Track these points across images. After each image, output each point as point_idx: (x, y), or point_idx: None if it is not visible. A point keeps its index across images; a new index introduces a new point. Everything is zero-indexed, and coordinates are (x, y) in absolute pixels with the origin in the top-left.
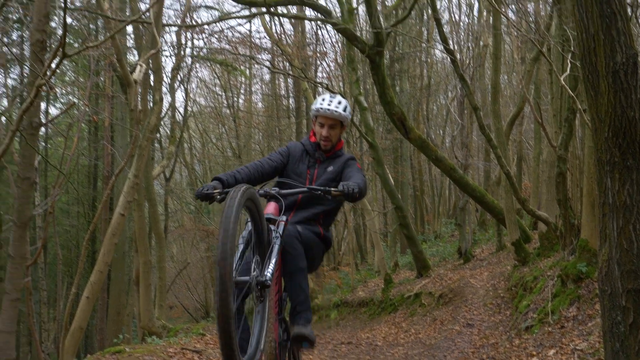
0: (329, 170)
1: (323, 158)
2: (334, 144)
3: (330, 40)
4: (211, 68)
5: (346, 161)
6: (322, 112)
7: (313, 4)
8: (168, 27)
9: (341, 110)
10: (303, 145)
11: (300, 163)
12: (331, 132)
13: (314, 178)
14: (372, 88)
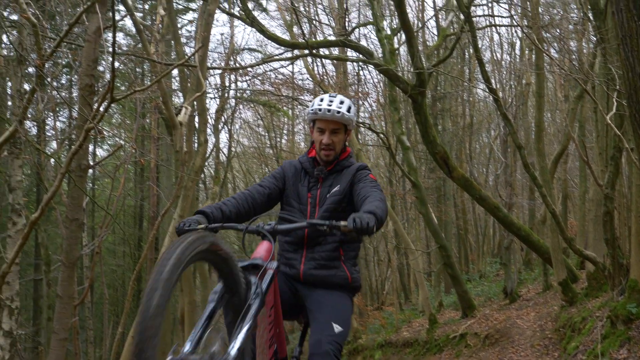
0: (334, 190)
1: (325, 174)
2: (337, 153)
3: (372, 81)
4: (254, 109)
5: (355, 173)
6: (321, 114)
7: (355, 45)
8: (212, 70)
9: (344, 111)
10: (300, 163)
11: (299, 185)
12: (334, 139)
13: (317, 202)
14: (414, 127)
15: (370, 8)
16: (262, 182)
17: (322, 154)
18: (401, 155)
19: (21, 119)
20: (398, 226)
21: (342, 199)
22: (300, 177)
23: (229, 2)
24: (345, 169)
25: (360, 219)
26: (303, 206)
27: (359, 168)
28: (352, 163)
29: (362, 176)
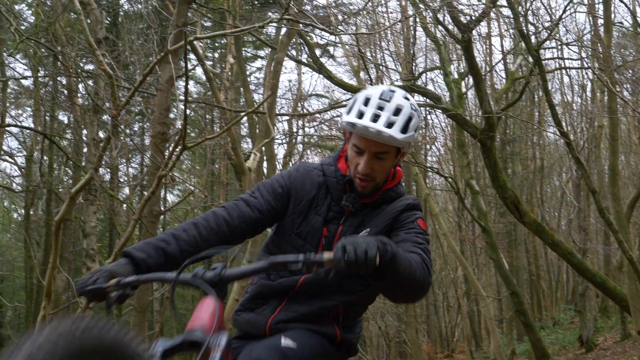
0: (361, 230)
1: (355, 206)
2: (379, 184)
3: (440, 124)
4: (322, 154)
5: (400, 214)
6: (359, 129)
7: (423, 90)
8: (280, 116)
9: (398, 131)
10: (323, 174)
11: (312, 212)
12: (376, 166)
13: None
14: (483, 170)
15: (437, 53)
16: (252, 194)
17: (356, 183)
18: (470, 199)
19: (96, 166)
20: (468, 272)
21: None
22: (319, 198)
23: (296, 50)
24: (387, 204)
25: (353, 246)
26: (310, 248)
27: (406, 207)
28: (400, 194)
29: (408, 221)
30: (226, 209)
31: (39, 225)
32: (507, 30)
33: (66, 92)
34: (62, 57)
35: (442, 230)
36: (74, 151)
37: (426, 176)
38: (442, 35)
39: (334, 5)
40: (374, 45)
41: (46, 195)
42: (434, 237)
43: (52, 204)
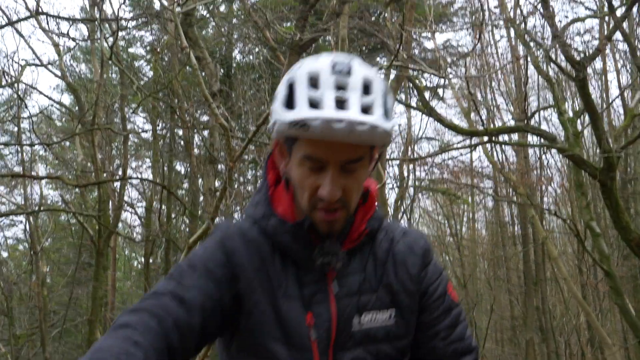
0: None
1: (341, 258)
2: (351, 212)
3: (556, 165)
4: (433, 198)
5: (425, 265)
6: (318, 129)
7: (537, 131)
8: (391, 161)
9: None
10: (264, 236)
11: (279, 296)
12: (347, 184)
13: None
14: (603, 211)
15: (550, 91)
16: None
17: (319, 219)
18: (591, 241)
19: (213, 216)
20: (591, 318)
21: (405, 347)
22: (276, 277)
23: (405, 93)
24: (381, 243)
25: None
26: (303, 354)
27: (425, 254)
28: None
29: (440, 290)
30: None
31: (158, 273)
32: (624, 66)
33: (183, 143)
34: (179, 110)
35: (562, 274)
36: (190, 201)
37: (543, 218)
38: (555, 73)
39: (442, 48)
40: (484, 86)
41: (164, 244)
42: (553, 281)
43: (170, 253)
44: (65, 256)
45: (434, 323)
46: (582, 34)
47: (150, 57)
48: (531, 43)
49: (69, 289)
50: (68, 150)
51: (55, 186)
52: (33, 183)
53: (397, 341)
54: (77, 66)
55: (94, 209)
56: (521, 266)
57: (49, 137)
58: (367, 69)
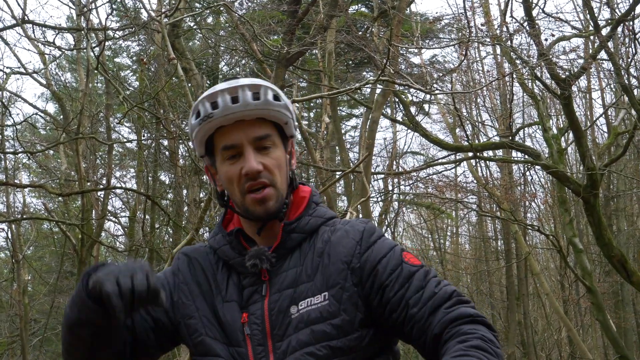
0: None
1: (268, 259)
2: (281, 192)
3: (539, 181)
4: (417, 212)
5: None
6: (217, 115)
7: (521, 147)
8: (376, 174)
9: (270, 91)
10: (213, 251)
11: (217, 303)
12: (266, 159)
13: (269, 334)
14: (586, 228)
15: (535, 108)
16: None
17: (251, 201)
18: (573, 258)
19: (197, 227)
20: (573, 333)
21: (346, 323)
22: (220, 283)
23: (391, 108)
24: (319, 236)
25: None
26: (238, 349)
27: (365, 233)
28: (327, 216)
29: (393, 262)
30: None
31: None
32: (609, 85)
33: (168, 154)
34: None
35: (544, 289)
36: (174, 211)
37: (526, 234)
38: (540, 90)
39: (429, 63)
40: (470, 102)
41: (148, 254)
42: (535, 296)
43: (153, 263)
44: (47, 265)
45: (400, 295)
46: (568, 53)
47: (136, 68)
48: (517, 60)
49: (50, 298)
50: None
51: (38, 195)
52: (16, 191)
53: (332, 318)
54: (63, 75)
55: (77, 218)
56: (504, 281)
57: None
58: (259, 80)
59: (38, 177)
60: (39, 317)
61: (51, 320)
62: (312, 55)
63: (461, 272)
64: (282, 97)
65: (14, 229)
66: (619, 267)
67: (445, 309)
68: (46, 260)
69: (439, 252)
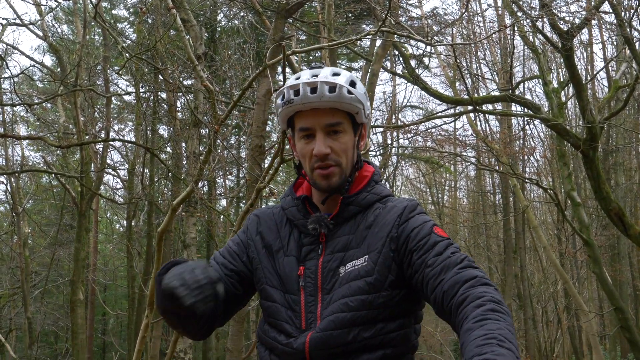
0: (354, 260)
1: (326, 224)
2: (346, 171)
3: (539, 135)
4: (416, 166)
5: (404, 221)
6: (299, 100)
7: (522, 100)
8: (375, 128)
9: (345, 84)
10: (282, 210)
11: (280, 255)
12: (334, 144)
13: (320, 287)
14: (584, 182)
15: (536, 61)
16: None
17: (317, 176)
18: (571, 211)
19: (197, 179)
20: (569, 285)
21: (377, 282)
22: (281, 239)
23: (391, 61)
24: (372, 210)
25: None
26: (292, 296)
27: (405, 211)
28: (381, 195)
29: (423, 232)
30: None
31: (141, 236)
32: (610, 38)
33: (166, 106)
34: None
35: (541, 242)
36: (174, 164)
37: (524, 188)
38: (541, 43)
39: (430, 15)
40: (470, 55)
41: (147, 207)
42: (532, 249)
43: (153, 216)
44: (47, 218)
45: (423, 258)
46: (570, 4)
47: (133, 20)
48: (518, 12)
49: (50, 250)
50: (50, 112)
51: (36, 148)
52: (14, 144)
53: (366, 276)
54: (59, 27)
55: (76, 171)
56: (501, 234)
57: (30, 98)
58: (341, 70)
59: (36, 130)
60: (39, 269)
61: (52, 272)
62: (312, 7)
63: (459, 225)
64: (357, 90)
65: (13, 182)
66: (617, 221)
67: (457, 270)
68: (46, 214)
69: (437, 206)
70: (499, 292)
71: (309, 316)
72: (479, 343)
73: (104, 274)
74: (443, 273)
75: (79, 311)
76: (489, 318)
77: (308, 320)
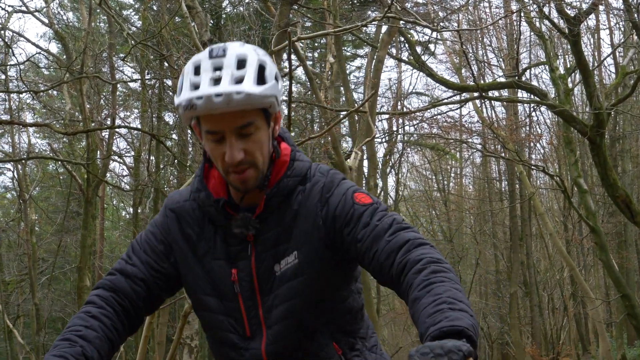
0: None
1: (253, 226)
2: (262, 168)
3: (545, 122)
4: (422, 152)
5: (325, 202)
6: (201, 106)
7: (528, 86)
8: (380, 115)
9: (251, 86)
10: (198, 206)
11: (209, 258)
12: (247, 147)
13: (257, 291)
14: (590, 169)
15: (542, 47)
16: (127, 260)
17: (234, 180)
18: (577, 198)
19: None
20: (575, 273)
21: (314, 277)
22: (208, 241)
23: (396, 48)
24: (295, 196)
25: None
26: (229, 303)
27: (323, 192)
28: (299, 174)
29: (346, 207)
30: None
31: (147, 223)
32: (617, 24)
33: (172, 93)
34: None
35: (547, 229)
36: (179, 151)
37: (531, 175)
38: (548, 29)
39: (436, 1)
40: (477, 41)
41: (153, 194)
42: (538, 236)
43: (159, 203)
44: (54, 205)
45: (353, 234)
46: None
47: (139, 7)
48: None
49: (57, 237)
50: (56, 100)
51: (43, 135)
52: (21, 131)
53: (300, 276)
54: (65, 14)
55: (82, 158)
56: (507, 221)
57: (36, 85)
58: (242, 47)
59: (43, 118)
60: (46, 256)
61: (58, 259)
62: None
63: (465, 212)
64: (267, 81)
65: (20, 169)
66: (624, 208)
67: (387, 238)
68: (52, 201)
69: (442, 193)
70: (435, 248)
71: (252, 321)
72: (430, 311)
73: (110, 261)
74: (375, 244)
75: (85, 298)
76: (433, 282)
77: (252, 327)
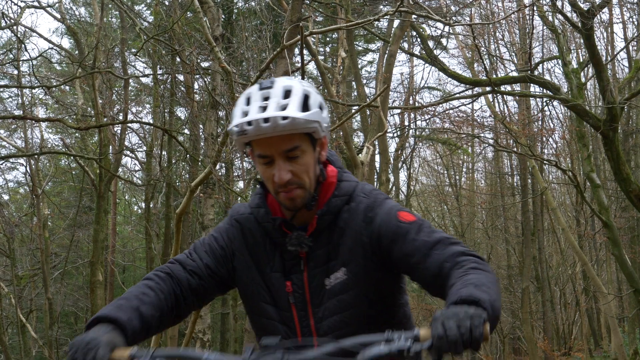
0: (336, 272)
1: (306, 244)
2: (310, 189)
3: (558, 116)
4: (433, 147)
5: (370, 221)
6: (251, 131)
7: (541, 80)
8: (392, 109)
9: (295, 112)
10: (257, 222)
11: (267, 270)
12: (294, 168)
13: (309, 302)
14: (603, 163)
15: (555, 42)
16: (189, 255)
17: (283, 198)
18: (590, 193)
19: (215, 161)
20: (588, 268)
21: (362, 291)
22: (266, 252)
23: (408, 42)
24: (341, 216)
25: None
26: (285, 313)
27: (367, 211)
28: (346, 193)
29: (392, 226)
30: (173, 276)
31: (159, 217)
32: (631, 17)
33: (184, 88)
34: (181, 54)
35: (560, 224)
36: (191, 146)
37: (543, 169)
38: (561, 23)
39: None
40: (489, 36)
41: (165, 188)
42: (550, 231)
43: (171, 197)
44: (66, 200)
45: (401, 251)
46: None
47: (151, 2)
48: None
49: (70, 232)
50: (68, 95)
51: (55, 130)
52: (33, 126)
53: (350, 290)
54: (77, 9)
55: (94, 153)
56: (519, 216)
57: (48, 80)
58: (289, 81)
59: (55, 113)
60: (59, 251)
61: (71, 254)
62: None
63: (476, 207)
64: (311, 108)
65: (33, 164)
66: (637, 202)
67: (437, 251)
68: (65, 195)
69: (454, 188)
70: (483, 259)
71: (304, 330)
72: (458, 288)
73: (122, 256)
74: (425, 258)
75: (98, 292)
76: (469, 273)
77: (304, 335)
